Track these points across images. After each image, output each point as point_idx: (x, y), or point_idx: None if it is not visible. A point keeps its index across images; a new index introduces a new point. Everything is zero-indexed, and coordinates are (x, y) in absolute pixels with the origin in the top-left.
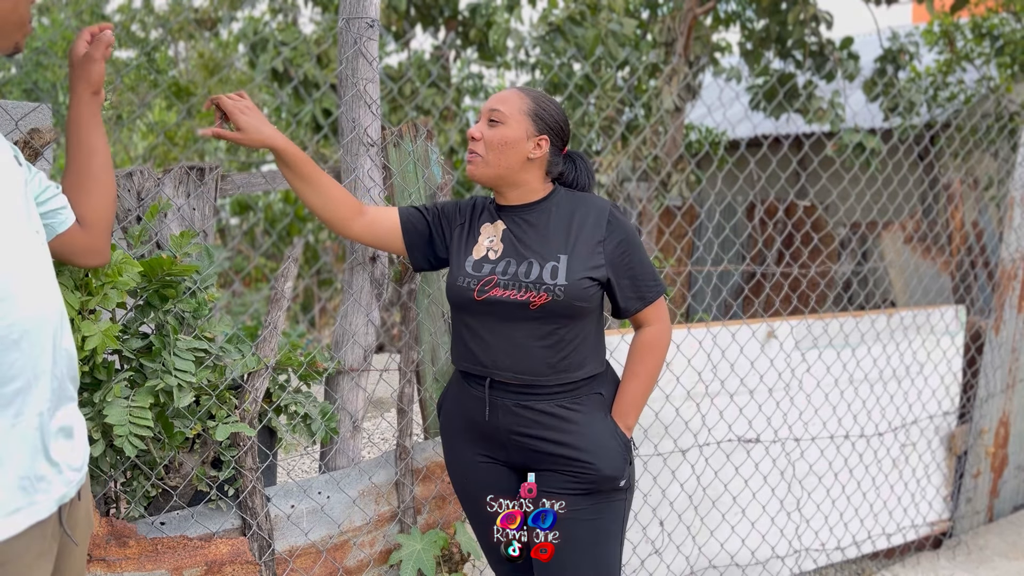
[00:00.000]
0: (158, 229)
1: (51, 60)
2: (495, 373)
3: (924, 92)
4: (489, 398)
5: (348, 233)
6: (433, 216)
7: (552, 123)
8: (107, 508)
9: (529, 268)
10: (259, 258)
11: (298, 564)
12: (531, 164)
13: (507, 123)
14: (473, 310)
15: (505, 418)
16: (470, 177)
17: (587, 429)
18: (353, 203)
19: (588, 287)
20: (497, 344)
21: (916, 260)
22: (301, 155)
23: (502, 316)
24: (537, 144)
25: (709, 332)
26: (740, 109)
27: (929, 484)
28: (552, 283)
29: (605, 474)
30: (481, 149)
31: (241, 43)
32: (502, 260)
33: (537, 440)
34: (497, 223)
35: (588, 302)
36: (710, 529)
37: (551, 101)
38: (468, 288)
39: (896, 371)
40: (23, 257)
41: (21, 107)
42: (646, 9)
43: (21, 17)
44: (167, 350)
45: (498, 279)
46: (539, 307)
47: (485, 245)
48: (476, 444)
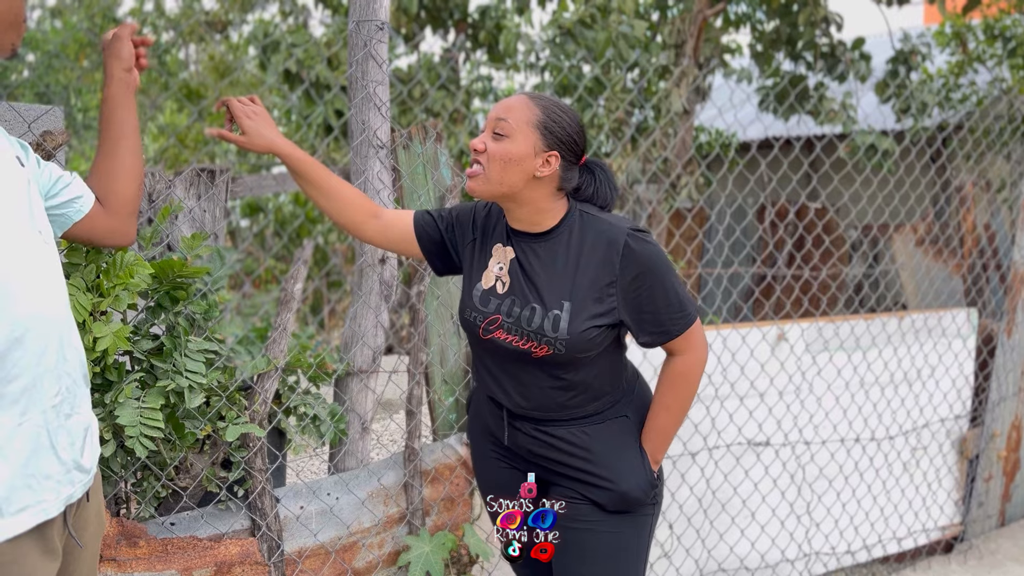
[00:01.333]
0: (169, 231)
1: (63, 63)
2: (507, 404)
3: (936, 94)
4: (507, 421)
5: (362, 236)
6: (447, 225)
7: (564, 136)
8: (118, 508)
9: (532, 314)
10: (269, 260)
11: (307, 565)
12: (538, 182)
13: (512, 136)
14: (482, 344)
15: (524, 441)
16: (470, 193)
17: (610, 458)
18: (366, 206)
19: (594, 336)
20: (507, 379)
21: (928, 263)
22: (308, 160)
23: (508, 356)
24: (546, 160)
25: (719, 334)
26: (751, 111)
27: (940, 488)
28: (553, 336)
29: (627, 499)
30: (484, 162)
31: (252, 45)
32: (508, 297)
33: (558, 464)
34: (508, 248)
35: (595, 349)
36: (720, 532)
37: (563, 110)
38: (475, 323)
39: (907, 374)
40: (23, 257)
41: (34, 110)
42: (656, 11)
43: (16, 16)
44: (178, 351)
45: (502, 321)
46: (542, 356)
47: (495, 273)
48: (499, 452)
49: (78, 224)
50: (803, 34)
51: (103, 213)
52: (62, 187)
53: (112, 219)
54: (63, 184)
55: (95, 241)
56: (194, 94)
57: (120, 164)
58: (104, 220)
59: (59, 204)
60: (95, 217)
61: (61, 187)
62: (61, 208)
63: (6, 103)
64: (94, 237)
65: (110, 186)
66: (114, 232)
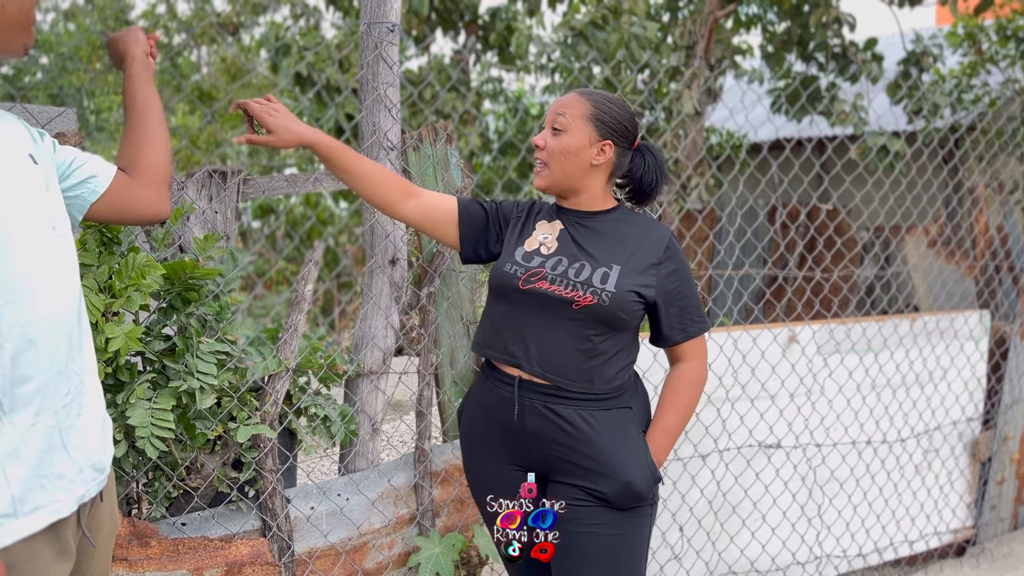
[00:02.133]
0: (181, 232)
1: (76, 65)
2: (523, 366)
3: (948, 95)
4: (518, 398)
5: (399, 214)
6: (492, 209)
7: (616, 125)
8: (129, 508)
9: (580, 268)
10: (280, 261)
11: (317, 566)
12: (595, 170)
13: (569, 131)
14: (513, 298)
15: (532, 421)
16: (537, 188)
17: (613, 446)
18: (402, 184)
19: (634, 301)
20: (531, 336)
21: (940, 264)
22: (338, 146)
23: (542, 310)
24: (600, 150)
25: (730, 336)
26: (762, 112)
27: (952, 491)
28: (600, 287)
29: (630, 491)
30: (545, 158)
31: (263, 48)
32: (553, 256)
33: (562, 448)
34: (555, 223)
35: (630, 316)
36: (730, 535)
37: (613, 101)
38: (514, 275)
39: (919, 376)
40: (37, 256)
41: (47, 111)
42: (666, 12)
43: (27, 17)
44: (190, 352)
45: (546, 272)
46: (582, 308)
47: (539, 240)
48: (499, 449)
49: (103, 199)
50: (814, 35)
51: (131, 183)
52: (76, 167)
53: (141, 187)
54: (77, 164)
55: (127, 215)
56: (206, 96)
57: (147, 132)
58: (133, 190)
59: (73, 185)
60: (121, 189)
61: (75, 167)
62: (75, 189)
63: (20, 105)
64: (124, 210)
65: (138, 154)
66: (144, 200)
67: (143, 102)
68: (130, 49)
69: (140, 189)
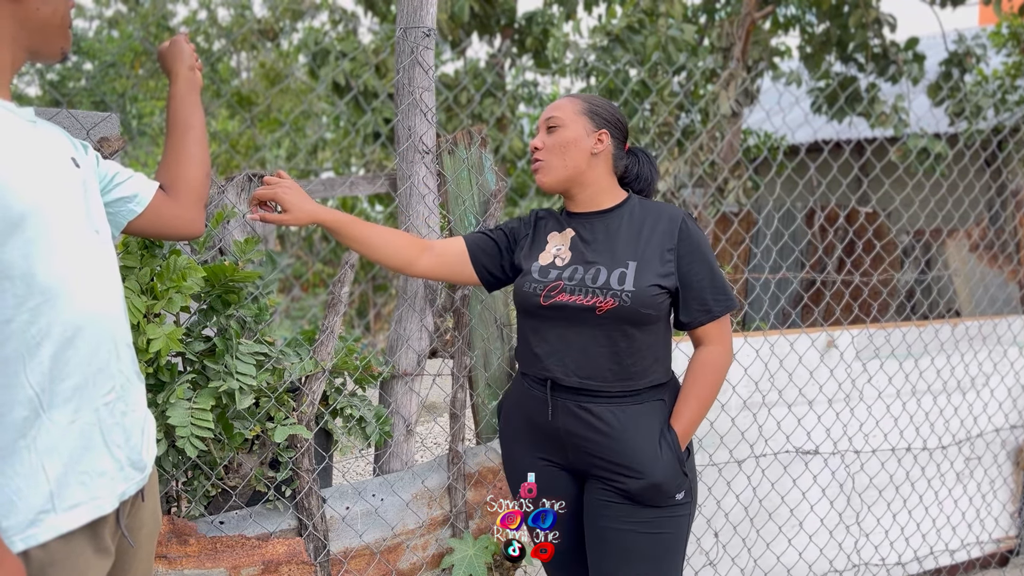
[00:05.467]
0: (221, 235)
1: (119, 72)
2: (558, 377)
3: (991, 96)
4: (551, 399)
5: (418, 272)
6: (498, 235)
7: (609, 116)
8: (169, 507)
9: (597, 274)
10: (317, 264)
11: (352, 565)
12: (596, 160)
13: (565, 125)
14: (539, 315)
15: (566, 420)
16: (540, 186)
17: (642, 443)
18: (415, 243)
19: (656, 295)
20: (561, 348)
21: (982, 268)
22: (347, 220)
23: (567, 321)
24: (598, 139)
25: (767, 341)
26: (800, 114)
27: (995, 499)
28: (619, 289)
29: (658, 485)
30: (544, 156)
31: (302, 53)
32: (569, 267)
33: (593, 444)
34: (566, 232)
35: (655, 310)
36: (766, 541)
37: (603, 99)
38: (534, 293)
39: (960, 382)
40: (79, 257)
41: (91, 117)
42: (703, 14)
43: (63, 21)
44: (229, 353)
45: (564, 284)
46: (605, 312)
47: (552, 252)
48: (536, 447)
49: (142, 216)
50: (854, 36)
51: (169, 202)
52: (117, 183)
53: (179, 207)
54: (119, 181)
55: (163, 231)
56: (245, 101)
57: (186, 152)
58: (171, 208)
59: (112, 201)
60: (160, 207)
61: (117, 183)
62: (114, 206)
63: (66, 110)
64: (161, 227)
65: (177, 173)
66: (180, 219)
67: (184, 122)
68: (174, 67)
69: (177, 208)
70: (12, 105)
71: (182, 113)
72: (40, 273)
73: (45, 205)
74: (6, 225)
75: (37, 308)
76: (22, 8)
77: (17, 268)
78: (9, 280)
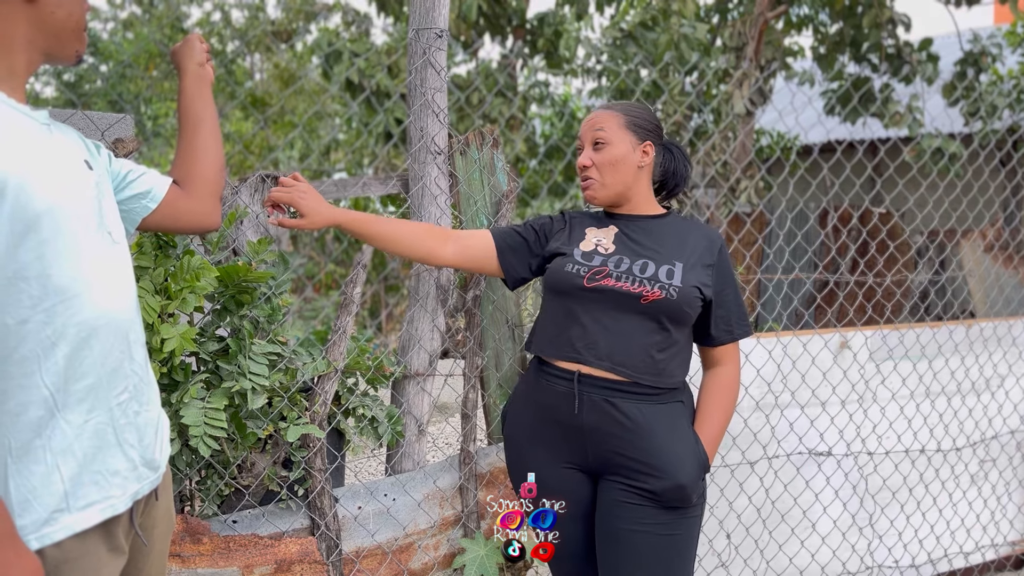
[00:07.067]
0: (235, 236)
1: (134, 73)
2: (590, 361)
3: (1007, 95)
4: (578, 392)
5: (440, 261)
6: (527, 230)
7: (649, 126)
8: (182, 506)
9: (645, 266)
10: (329, 264)
11: (364, 565)
12: (642, 172)
13: (612, 142)
14: (578, 296)
15: (591, 415)
16: (589, 202)
17: (667, 442)
18: (436, 233)
19: (697, 296)
20: (599, 331)
21: (997, 269)
22: (365, 218)
23: (609, 306)
24: (644, 151)
25: (779, 342)
26: (813, 114)
27: (1010, 502)
28: (667, 282)
29: (679, 485)
30: (595, 174)
31: (315, 54)
32: (614, 256)
33: (618, 442)
34: (609, 228)
35: (693, 311)
36: (779, 543)
37: (637, 106)
38: (577, 275)
39: (975, 384)
40: (92, 259)
41: (106, 118)
42: (716, 14)
43: (77, 24)
44: (242, 353)
45: (610, 270)
46: (650, 302)
47: (594, 242)
48: (554, 448)
49: (156, 212)
50: (868, 36)
51: (184, 196)
52: (131, 180)
53: (194, 200)
54: (132, 177)
55: (179, 226)
56: (259, 102)
57: (200, 146)
58: (186, 202)
59: (127, 198)
60: (175, 201)
61: (130, 180)
62: (129, 203)
63: (81, 112)
64: (177, 221)
65: (191, 166)
66: (195, 212)
67: (195, 116)
68: (184, 63)
69: (192, 202)
70: (27, 108)
71: (193, 107)
72: (55, 274)
73: (59, 207)
74: (22, 227)
75: (52, 309)
76: (37, 11)
77: (32, 269)
78: (24, 281)
